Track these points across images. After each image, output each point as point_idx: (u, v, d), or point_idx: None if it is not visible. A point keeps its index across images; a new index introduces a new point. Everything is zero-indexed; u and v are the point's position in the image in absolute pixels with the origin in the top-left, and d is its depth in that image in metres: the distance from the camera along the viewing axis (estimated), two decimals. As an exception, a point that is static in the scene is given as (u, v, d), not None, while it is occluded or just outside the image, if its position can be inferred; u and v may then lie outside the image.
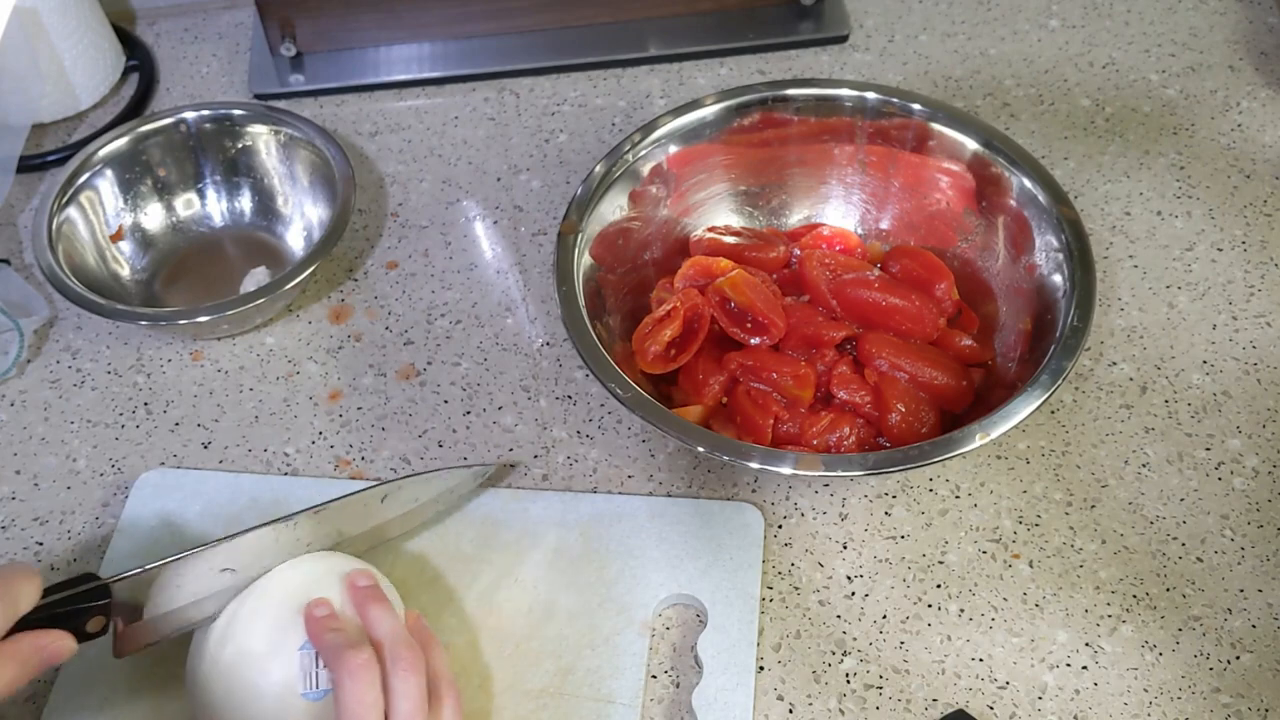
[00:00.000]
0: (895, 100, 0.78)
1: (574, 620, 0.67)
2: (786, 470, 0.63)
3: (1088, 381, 0.77)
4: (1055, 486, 0.72)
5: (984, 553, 0.70)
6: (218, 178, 0.88)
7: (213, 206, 0.89)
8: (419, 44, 0.98)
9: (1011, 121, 0.92)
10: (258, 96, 0.96)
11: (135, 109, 0.96)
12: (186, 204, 0.88)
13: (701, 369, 0.73)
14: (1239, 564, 0.69)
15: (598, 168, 0.76)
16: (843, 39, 0.98)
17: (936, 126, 0.77)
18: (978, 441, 0.63)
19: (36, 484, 0.76)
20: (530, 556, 0.70)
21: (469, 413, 0.78)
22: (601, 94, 0.96)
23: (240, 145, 0.88)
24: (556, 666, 0.65)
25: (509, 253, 0.86)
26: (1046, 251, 0.72)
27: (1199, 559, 0.69)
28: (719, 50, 0.97)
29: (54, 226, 0.80)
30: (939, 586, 0.69)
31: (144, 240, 0.87)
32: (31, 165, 0.92)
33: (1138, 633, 0.66)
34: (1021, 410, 0.64)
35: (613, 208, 0.77)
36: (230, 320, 0.78)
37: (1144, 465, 0.73)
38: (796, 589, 0.69)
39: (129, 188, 0.86)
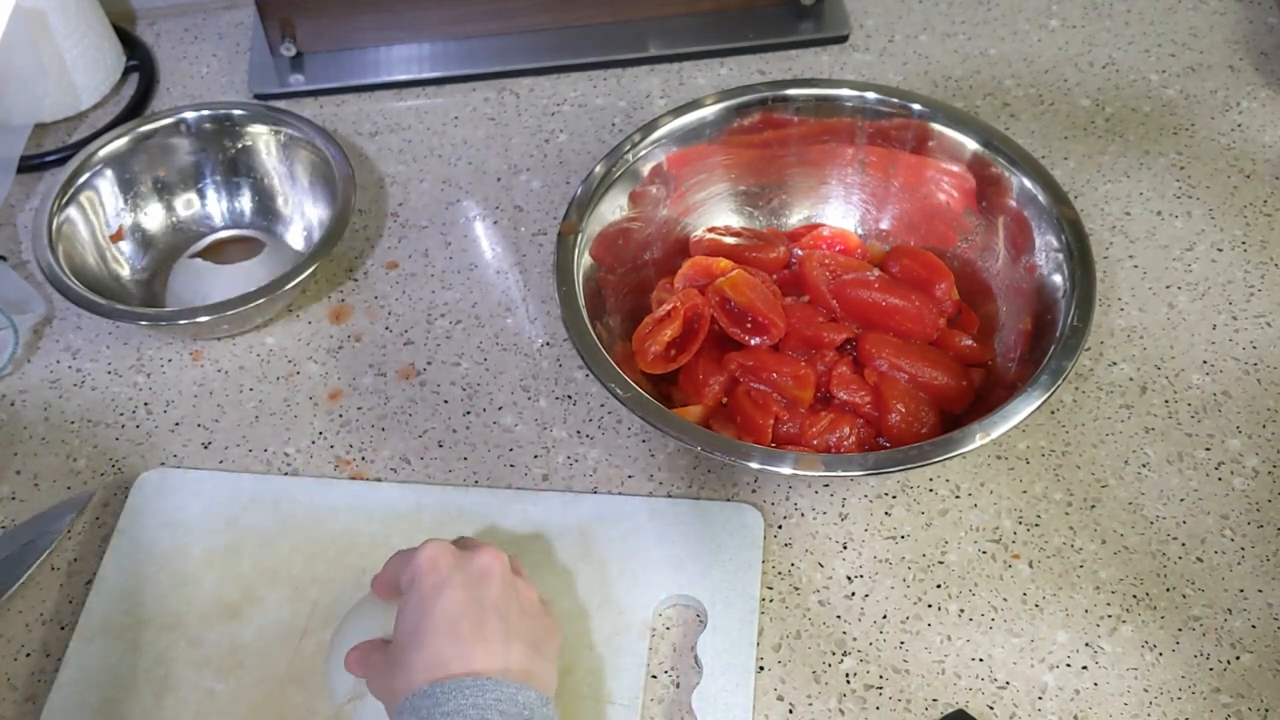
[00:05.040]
0: (895, 100, 0.78)
1: (574, 620, 0.67)
2: (786, 470, 0.63)
3: (1088, 381, 0.77)
4: (1055, 486, 0.72)
5: (984, 553, 0.70)
6: (218, 178, 0.88)
7: (213, 206, 0.89)
8: (419, 44, 0.98)
9: (1011, 121, 0.92)
10: (258, 96, 0.96)
11: (135, 109, 0.96)
12: (186, 204, 0.88)
13: (701, 369, 0.73)
14: (1239, 564, 0.69)
15: (598, 168, 0.76)
16: (843, 39, 0.97)
17: (936, 126, 0.77)
18: (978, 441, 0.63)
19: (36, 484, 0.76)
20: (530, 557, 0.69)
21: (469, 413, 0.78)
22: (601, 94, 0.96)
23: (240, 145, 0.88)
24: (556, 666, 0.65)
25: (509, 253, 0.86)
26: (1046, 251, 0.72)
27: (1199, 559, 0.69)
28: (719, 50, 0.97)
29: (54, 226, 0.80)
30: (939, 586, 0.69)
31: (144, 240, 0.87)
32: (31, 165, 0.92)
33: (1138, 633, 0.66)
34: (1021, 410, 0.64)
35: (613, 208, 0.77)
36: (230, 320, 0.78)
37: (1144, 465, 0.73)
38: (796, 589, 0.69)
39: (129, 188, 0.86)
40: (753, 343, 0.73)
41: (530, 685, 0.55)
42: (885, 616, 0.67)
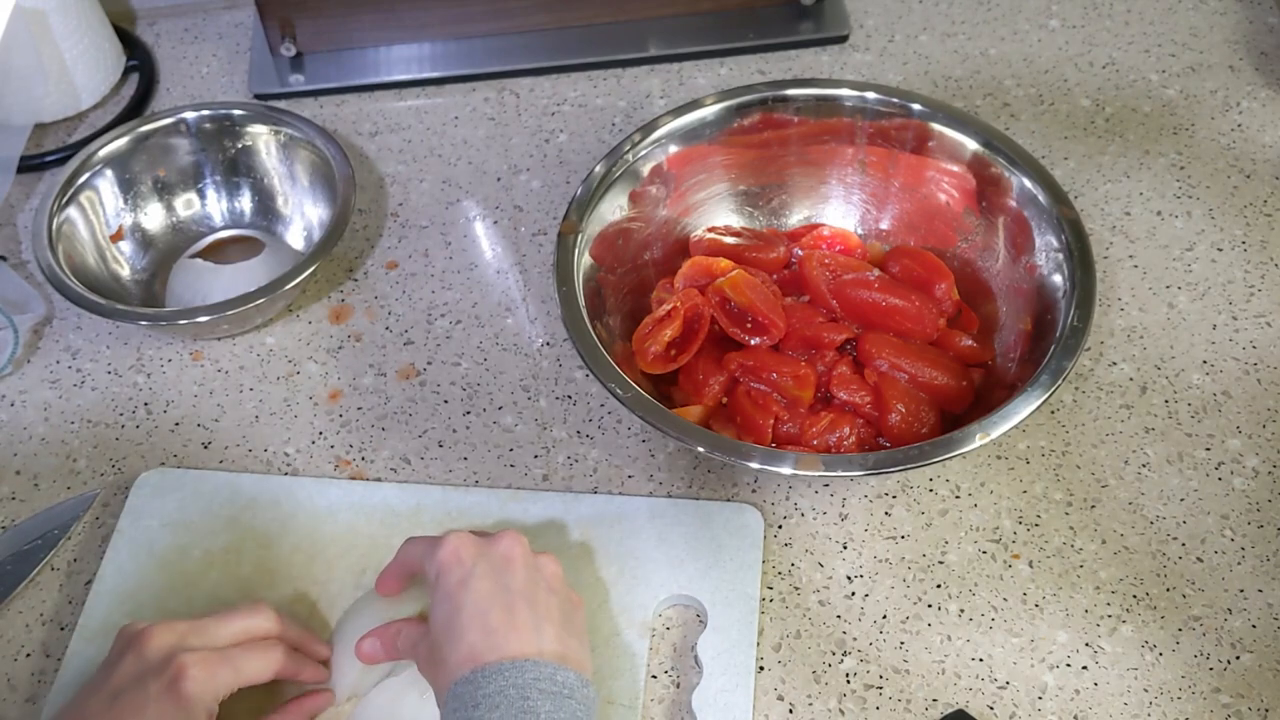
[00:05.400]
0: (895, 100, 0.78)
1: (574, 620, 0.67)
2: (786, 470, 0.63)
3: (1088, 381, 0.77)
4: (1055, 486, 0.72)
5: (984, 553, 0.70)
6: (218, 178, 0.88)
7: (213, 206, 0.89)
8: (419, 44, 0.98)
9: (1011, 121, 0.92)
10: (258, 96, 0.96)
11: (135, 109, 0.96)
12: (186, 204, 0.88)
13: (701, 369, 0.73)
14: (1239, 564, 0.69)
15: (598, 168, 0.76)
16: (843, 39, 0.97)
17: (936, 127, 0.77)
18: (978, 441, 0.63)
19: (36, 484, 0.76)
20: (530, 556, 0.69)
21: (469, 413, 0.78)
22: (601, 94, 0.96)
23: (240, 145, 0.88)
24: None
25: (509, 253, 0.86)
26: (1046, 251, 0.72)
27: (1199, 559, 0.69)
28: (719, 50, 0.97)
29: (54, 226, 0.80)
30: (939, 586, 0.69)
31: (144, 240, 0.87)
32: (31, 165, 0.92)
33: (1138, 633, 0.66)
34: (1021, 410, 0.64)
35: (613, 208, 0.77)
36: (230, 320, 0.78)
37: (1144, 465, 0.73)
38: (796, 589, 0.69)
39: (129, 188, 0.86)
40: (753, 343, 0.73)
41: (567, 666, 0.56)
42: (885, 616, 0.67)
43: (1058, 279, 0.71)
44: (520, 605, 0.57)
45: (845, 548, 0.70)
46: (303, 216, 0.87)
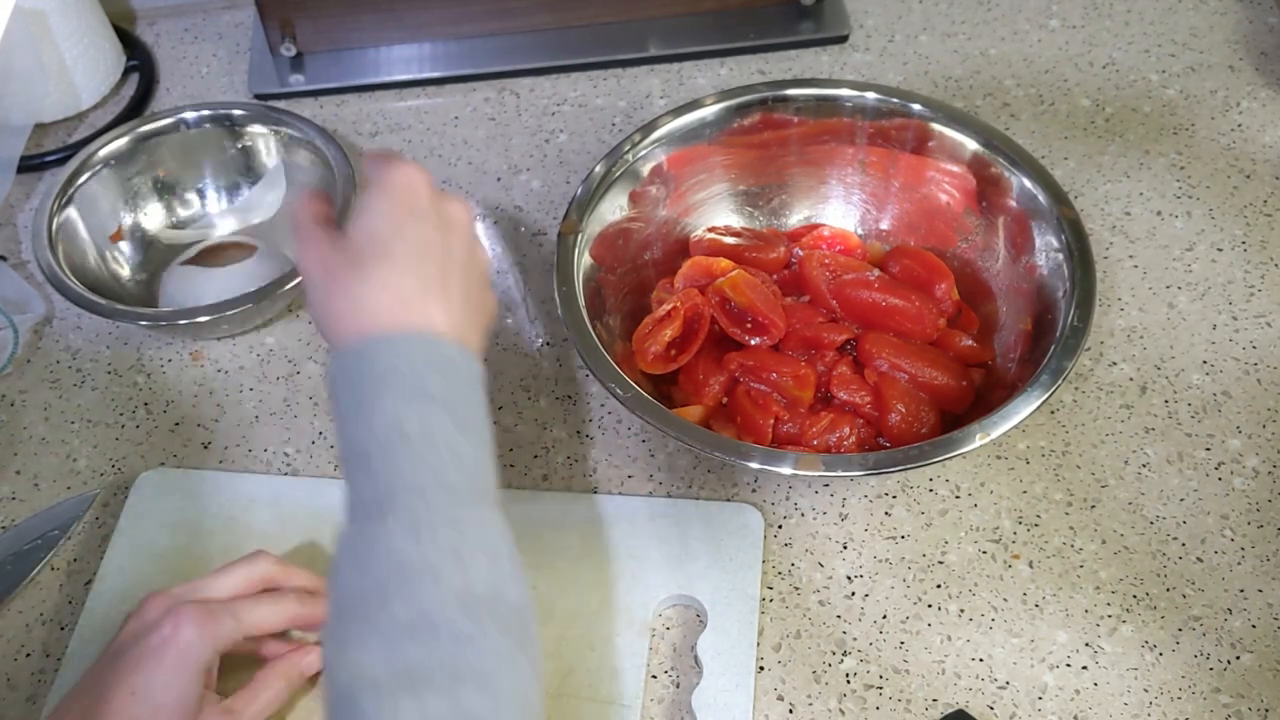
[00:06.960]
0: (895, 100, 0.78)
1: (573, 621, 0.67)
2: (786, 470, 0.63)
3: (1088, 381, 0.77)
4: (1055, 486, 0.72)
5: (984, 553, 0.70)
6: (218, 178, 0.88)
7: (213, 206, 0.89)
8: (419, 44, 0.98)
9: (1011, 121, 0.92)
10: (258, 96, 0.96)
11: (135, 109, 0.96)
12: (186, 204, 0.88)
13: (701, 369, 0.73)
14: (1239, 564, 0.69)
15: (598, 168, 0.76)
16: (843, 39, 0.97)
17: (936, 127, 0.77)
18: (978, 441, 0.63)
19: (36, 484, 0.76)
20: (529, 557, 0.69)
21: (469, 413, 0.78)
22: (601, 94, 0.96)
23: (240, 145, 0.88)
24: (556, 668, 0.65)
25: (509, 253, 0.86)
26: (1046, 251, 0.72)
27: (1199, 559, 0.69)
28: (719, 50, 0.97)
29: (54, 226, 0.80)
30: (939, 586, 0.69)
31: (144, 240, 0.87)
32: (31, 165, 0.92)
33: (1138, 633, 0.66)
34: (1021, 410, 0.64)
35: (613, 208, 0.77)
36: (230, 320, 0.78)
37: (1144, 465, 0.73)
38: (796, 589, 0.69)
39: (129, 188, 0.86)
40: (753, 343, 0.73)
41: (462, 343, 0.52)
42: (885, 616, 0.67)
43: (1058, 279, 0.71)
44: (456, 274, 0.53)
45: (845, 548, 0.70)
46: (303, 216, 0.87)
